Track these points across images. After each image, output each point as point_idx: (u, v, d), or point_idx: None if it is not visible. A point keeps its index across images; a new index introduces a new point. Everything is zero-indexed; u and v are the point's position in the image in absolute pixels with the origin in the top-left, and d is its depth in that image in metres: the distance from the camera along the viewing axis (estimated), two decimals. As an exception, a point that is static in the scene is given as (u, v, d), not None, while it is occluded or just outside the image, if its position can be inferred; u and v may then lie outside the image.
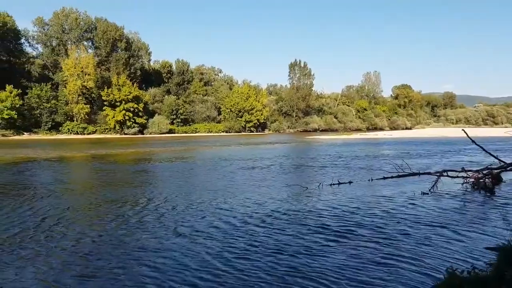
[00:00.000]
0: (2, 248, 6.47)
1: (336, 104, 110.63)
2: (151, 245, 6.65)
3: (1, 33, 63.72)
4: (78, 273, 5.51)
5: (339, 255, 6.05)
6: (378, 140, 47.84)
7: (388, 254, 6.06)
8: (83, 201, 10.58)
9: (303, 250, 6.32)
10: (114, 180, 14.65)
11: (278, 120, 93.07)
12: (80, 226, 7.87)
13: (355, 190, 11.73)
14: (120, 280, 5.24)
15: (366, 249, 6.31)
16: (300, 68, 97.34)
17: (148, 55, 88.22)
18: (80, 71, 65.81)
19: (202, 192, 11.56)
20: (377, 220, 8.18)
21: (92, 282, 5.18)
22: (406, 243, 6.60)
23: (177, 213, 8.96)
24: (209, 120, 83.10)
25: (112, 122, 67.87)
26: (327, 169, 17.14)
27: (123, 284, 5.14)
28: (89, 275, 5.42)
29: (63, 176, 16.68)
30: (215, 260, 5.92)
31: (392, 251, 6.20)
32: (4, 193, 11.53)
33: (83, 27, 72.99)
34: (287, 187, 12.43)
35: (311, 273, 5.39)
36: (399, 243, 6.63)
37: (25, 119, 61.71)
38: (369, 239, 6.85)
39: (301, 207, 9.49)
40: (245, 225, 7.86)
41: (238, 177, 14.94)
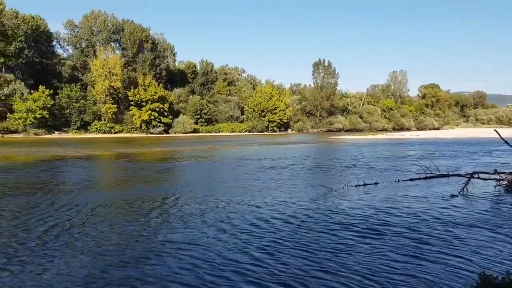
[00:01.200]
0: (44, 240, 6.81)
1: (361, 104, 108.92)
2: (179, 239, 6.77)
3: (35, 36, 66.16)
4: (114, 262, 5.75)
5: (366, 255, 5.94)
6: (405, 140, 46.78)
7: (416, 256, 5.91)
8: (113, 197, 10.84)
9: (330, 249, 6.27)
10: (141, 178, 14.95)
11: (301, 119, 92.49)
12: (111, 220, 8.11)
13: (381, 192, 11.50)
14: (150, 270, 5.41)
15: (394, 251, 6.18)
16: (324, 67, 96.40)
17: (173, 55, 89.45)
18: (108, 72, 67.47)
19: (227, 191, 11.62)
20: (405, 222, 7.99)
21: (123, 271, 5.34)
22: (436, 246, 6.41)
23: (203, 210, 9.04)
24: (232, 119, 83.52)
25: (138, 121, 69.25)
26: (352, 170, 16.89)
27: (153, 273, 5.30)
28: (121, 265, 5.63)
29: (92, 173, 17.18)
30: (242, 256, 5.95)
31: (421, 253, 6.04)
32: (39, 189, 11.97)
33: (111, 29, 74.78)
34: (312, 187, 12.32)
35: (339, 271, 5.36)
36: (429, 245, 6.45)
37: (56, 118, 63.85)
38: (398, 241, 6.70)
39: (327, 207, 9.38)
40: (273, 224, 7.86)
41: (261, 176, 14.94)
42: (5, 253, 6.17)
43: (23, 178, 14.82)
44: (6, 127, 59.45)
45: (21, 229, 7.47)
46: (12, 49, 62.46)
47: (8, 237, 7.01)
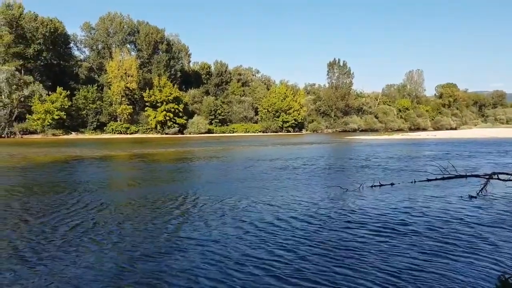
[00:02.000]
0: (70, 237, 7.04)
1: (376, 104, 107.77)
2: (200, 236, 6.88)
3: (53, 39, 67.56)
4: (139, 257, 5.91)
5: (388, 253, 5.91)
6: (421, 140, 46.08)
7: (432, 258, 5.83)
8: (132, 196, 10.99)
9: (351, 247, 6.28)
10: (158, 178, 15.11)
11: (316, 120, 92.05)
12: (132, 218, 8.27)
13: (398, 192, 11.36)
14: (174, 264, 5.52)
15: (415, 249, 6.12)
16: (339, 67, 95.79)
17: (188, 56, 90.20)
18: (124, 73, 68.41)
19: (244, 190, 11.65)
20: (424, 221, 7.90)
21: (149, 265, 5.45)
22: (454, 248, 6.32)
23: (222, 209, 9.10)
24: (246, 120, 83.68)
25: (153, 122, 70.01)
26: (368, 170, 16.72)
27: (178, 267, 5.43)
28: (146, 259, 5.76)
29: (110, 173, 17.45)
30: (263, 252, 6.00)
31: (438, 255, 5.96)
32: (60, 189, 12.22)
33: (126, 31, 75.80)
34: (327, 188, 12.25)
35: (363, 268, 5.37)
36: (447, 247, 6.36)
37: (73, 119, 65.09)
38: (415, 242, 6.62)
39: (344, 207, 9.32)
40: (290, 222, 7.89)
41: (276, 177, 14.92)
42: (34, 249, 6.36)
43: (44, 177, 15.16)
44: (25, 127, 60.90)
45: (47, 227, 7.69)
46: (31, 52, 63.94)
47: (35, 234, 7.23)
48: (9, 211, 9.09)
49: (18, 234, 7.24)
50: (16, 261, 5.87)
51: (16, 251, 6.26)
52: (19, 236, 7.09)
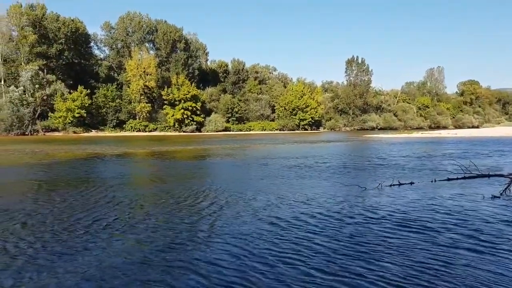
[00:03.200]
0: (90, 229, 7.25)
1: (395, 102, 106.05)
2: (222, 230, 6.91)
3: (74, 38, 69.00)
4: (163, 248, 6.06)
5: (407, 252, 5.75)
6: (441, 139, 45.08)
7: (454, 256, 5.65)
8: (153, 191, 11.13)
9: (376, 243, 6.19)
10: (177, 174, 15.24)
11: (333, 118, 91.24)
12: (154, 212, 8.39)
13: (418, 192, 11.12)
14: (198, 255, 5.57)
15: (433, 249, 5.94)
16: (357, 64, 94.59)
17: (205, 55, 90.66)
18: (142, 72, 69.28)
19: (262, 188, 11.62)
20: (443, 222, 7.68)
21: (173, 255, 5.52)
22: (474, 250, 6.11)
23: (242, 205, 9.10)
24: (263, 118, 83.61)
25: (171, 120, 70.70)
26: (386, 169, 16.45)
27: (201, 257, 5.57)
28: (169, 250, 5.82)
29: (130, 170, 17.72)
30: (286, 246, 5.95)
31: (459, 254, 5.78)
32: (82, 184, 12.47)
33: (145, 30, 76.68)
34: (345, 186, 12.09)
35: (394, 262, 5.28)
36: (469, 246, 6.16)
37: (93, 117, 66.38)
38: (436, 240, 6.45)
39: (361, 206, 9.18)
40: (311, 219, 7.81)
41: (294, 175, 14.84)
42: (60, 241, 6.54)
43: (66, 173, 15.50)
44: (47, 125, 62.48)
45: (71, 221, 7.87)
46: (53, 51, 65.46)
47: (62, 227, 7.43)
48: (36, 205, 9.36)
49: (45, 227, 7.44)
50: (43, 253, 6.03)
51: (44, 243, 6.43)
52: (46, 228, 7.29)
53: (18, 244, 6.45)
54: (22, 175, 15.66)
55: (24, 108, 60.21)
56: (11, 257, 5.85)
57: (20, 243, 6.48)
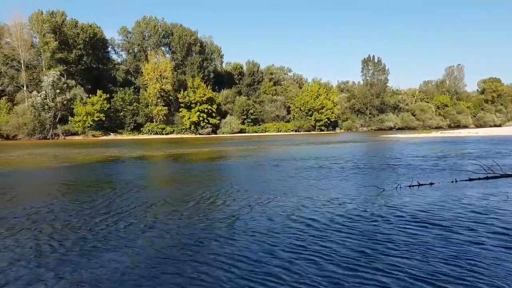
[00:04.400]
0: (114, 230, 7.41)
1: (413, 101, 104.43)
2: (244, 228, 6.88)
3: (92, 43, 70.45)
4: (185, 245, 6.05)
5: (429, 253, 5.64)
6: (462, 138, 44.11)
7: (478, 260, 5.51)
8: (171, 193, 11.21)
9: (401, 242, 6.05)
10: (195, 176, 15.35)
11: (350, 118, 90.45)
12: (174, 213, 8.46)
13: (438, 192, 10.90)
14: (220, 250, 5.52)
15: (460, 251, 5.80)
16: (373, 63, 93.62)
17: (220, 57, 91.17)
18: (159, 75, 70.15)
19: (280, 189, 11.58)
20: (467, 223, 7.47)
21: (196, 252, 5.52)
22: (500, 249, 5.94)
23: (261, 206, 9.08)
24: (278, 119, 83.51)
25: (187, 122, 71.34)
26: (405, 170, 16.19)
27: (224, 252, 5.52)
28: (191, 248, 5.90)
29: (148, 172, 17.95)
30: (310, 245, 5.90)
31: (484, 256, 5.62)
32: (100, 187, 12.70)
33: (161, 33, 77.63)
34: (363, 187, 11.95)
35: (430, 262, 5.19)
36: (492, 248, 5.99)
37: (111, 120, 67.55)
38: (462, 241, 6.29)
39: (381, 207, 9.04)
40: (331, 220, 7.72)
41: (311, 176, 14.75)
42: (82, 240, 6.67)
43: (86, 176, 15.81)
44: (67, 129, 63.92)
45: (96, 220, 8.03)
46: (72, 57, 66.95)
47: (83, 226, 7.59)
48: (61, 206, 9.59)
49: (68, 227, 7.60)
50: (66, 250, 6.20)
51: (65, 242, 6.58)
52: (69, 229, 7.45)
53: (49, 242, 6.67)
54: (46, 177, 16.09)
55: (45, 113, 61.79)
56: (43, 254, 6.09)
57: (51, 241, 6.70)
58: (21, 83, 63.81)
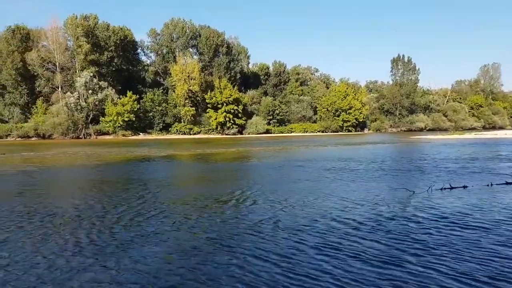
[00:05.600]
0: (144, 226, 7.56)
1: (445, 101, 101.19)
2: (265, 226, 6.87)
3: (123, 46, 72.46)
4: (208, 244, 6.08)
5: (458, 258, 5.43)
6: (497, 140, 42.31)
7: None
8: (200, 191, 11.34)
9: (417, 254, 5.86)
10: (222, 176, 15.46)
11: (379, 119, 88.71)
12: (201, 210, 8.50)
13: (472, 195, 10.48)
14: (243, 250, 5.56)
15: (493, 259, 5.55)
16: (403, 63, 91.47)
17: (247, 58, 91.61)
18: (187, 76, 71.26)
19: (307, 190, 11.47)
20: (504, 228, 7.13)
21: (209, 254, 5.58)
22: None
23: (288, 205, 9.02)
24: (305, 120, 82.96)
25: (214, 123, 72.10)
26: (436, 172, 15.68)
27: (246, 253, 5.50)
28: (220, 242, 5.90)
29: (177, 171, 18.26)
30: (323, 255, 5.82)
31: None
32: (131, 185, 13.02)
33: (189, 35, 78.84)
34: (392, 190, 11.65)
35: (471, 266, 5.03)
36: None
37: (141, 121, 69.20)
38: (497, 247, 6.02)
39: (411, 210, 8.78)
40: (354, 225, 7.56)
41: (338, 177, 14.55)
42: (113, 236, 6.81)
43: (118, 174, 16.25)
44: (99, 129, 66.03)
45: (124, 217, 8.21)
46: (104, 58, 69.08)
47: (116, 223, 7.76)
48: (94, 203, 9.86)
49: (104, 222, 7.85)
50: (105, 243, 6.40)
51: (97, 238, 6.74)
52: (106, 224, 7.68)
53: (88, 235, 6.92)
54: (81, 175, 16.68)
55: (78, 113, 64.08)
56: (84, 246, 6.31)
57: (90, 235, 6.95)
58: (56, 84, 66.47)
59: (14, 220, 8.09)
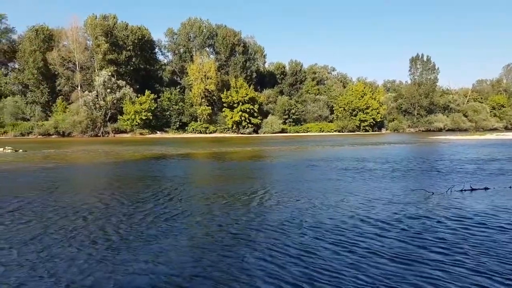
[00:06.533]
0: (156, 223, 7.60)
1: (465, 101, 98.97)
2: (281, 226, 6.85)
3: (141, 45, 73.37)
4: (224, 241, 6.09)
5: (478, 257, 5.28)
6: (521, 141, 41.14)
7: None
8: (215, 190, 11.38)
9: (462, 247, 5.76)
10: (238, 174, 15.49)
11: (396, 118, 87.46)
12: (216, 208, 8.51)
13: (493, 198, 10.20)
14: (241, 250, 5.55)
15: None
16: (422, 62, 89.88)
17: (263, 57, 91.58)
18: (203, 76, 71.70)
19: (323, 191, 11.36)
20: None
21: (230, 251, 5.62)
22: None
23: (304, 204, 8.96)
24: (321, 119, 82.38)
25: (230, 122, 72.35)
26: (455, 173, 15.33)
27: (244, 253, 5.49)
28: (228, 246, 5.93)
29: (193, 170, 18.39)
30: (351, 251, 5.77)
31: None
32: (148, 182, 13.18)
33: (206, 34, 79.29)
34: (411, 191, 11.44)
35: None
36: None
37: (158, 119, 69.99)
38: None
39: (430, 212, 8.61)
40: (376, 225, 7.45)
41: (355, 178, 14.39)
42: (132, 232, 6.86)
43: (135, 172, 16.45)
44: (117, 127, 67.06)
45: (143, 214, 8.27)
46: (122, 58, 70.11)
47: (132, 219, 7.84)
48: (114, 198, 10.01)
49: (126, 218, 7.96)
50: (126, 240, 6.48)
51: (117, 234, 6.83)
52: (118, 220, 7.76)
53: (111, 229, 7.05)
54: (100, 172, 16.98)
55: (97, 111, 65.24)
56: (108, 239, 6.45)
57: (112, 229, 7.10)
58: (76, 83, 67.80)
59: (47, 215, 8.26)
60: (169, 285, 4.78)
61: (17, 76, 71.24)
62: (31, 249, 6.07)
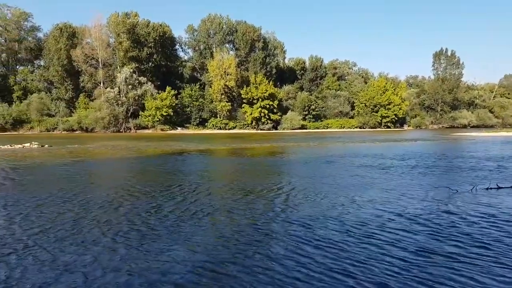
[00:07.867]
0: (185, 216, 7.81)
1: (491, 97, 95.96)
2: (301, 223, 6.86)
3: (162, 42, 74.20)
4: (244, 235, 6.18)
5: (501, 254, 5.18)
6: (550, 138, 39.62)
7: None
8: (236, 185, 11.49)
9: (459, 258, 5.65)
10: (258, 170, 15.55)
11: (419, 115, 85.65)
12: (236, 203, 8.59)
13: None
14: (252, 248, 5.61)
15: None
16: (446, 57, 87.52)
17: (283, 53, 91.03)
18: (223, 72, 71.95)
19: (343, 187, 11.29)
20: None
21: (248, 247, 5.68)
22: None
23: (325, 204, 8.95)
24: (342, 115, 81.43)
25: (249, 118, 72.43)
26: (480, 171, 14.92)
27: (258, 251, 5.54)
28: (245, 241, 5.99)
29: (213, 165, 18.58)
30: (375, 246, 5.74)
31: None
32: (169, 177, 13.41)
33: (225, 31, 79.44)
34: (434, 189, 11.22)
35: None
36: None
37: (178, 115, 70.79)
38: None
39: (453, 211, 8.43)
40: (399, 222, 7.36)
41: (377, 175, 14.21)
42: (150, 226, 6.98)
43: (156, 167, 16.76)
44: (138, 123, 68.17)
45: (162, 207, 8.43)
46: (144, 55, 71.10)
47: (153, 213, 8.02)
48: (135, 193, 10.27)
49: (135, 212, 8.13)
50: (155, 231, 6.66)
51: (134, 227, 6.97)
52: (135, 214, 7.93)
53: (134, 222, 7.22)
54: (125, 166, 17.45)
55: (119, 107, 66.49)
56: (128, 232, 6.52)
57: (135, 222, 7.26)
58: (98, 80, 69.22)
59: (79, 209, 8.52)
60: (205, 271, 5.03)
61: (42, 73, 73.34)
62: (71, 238, 6.38)
